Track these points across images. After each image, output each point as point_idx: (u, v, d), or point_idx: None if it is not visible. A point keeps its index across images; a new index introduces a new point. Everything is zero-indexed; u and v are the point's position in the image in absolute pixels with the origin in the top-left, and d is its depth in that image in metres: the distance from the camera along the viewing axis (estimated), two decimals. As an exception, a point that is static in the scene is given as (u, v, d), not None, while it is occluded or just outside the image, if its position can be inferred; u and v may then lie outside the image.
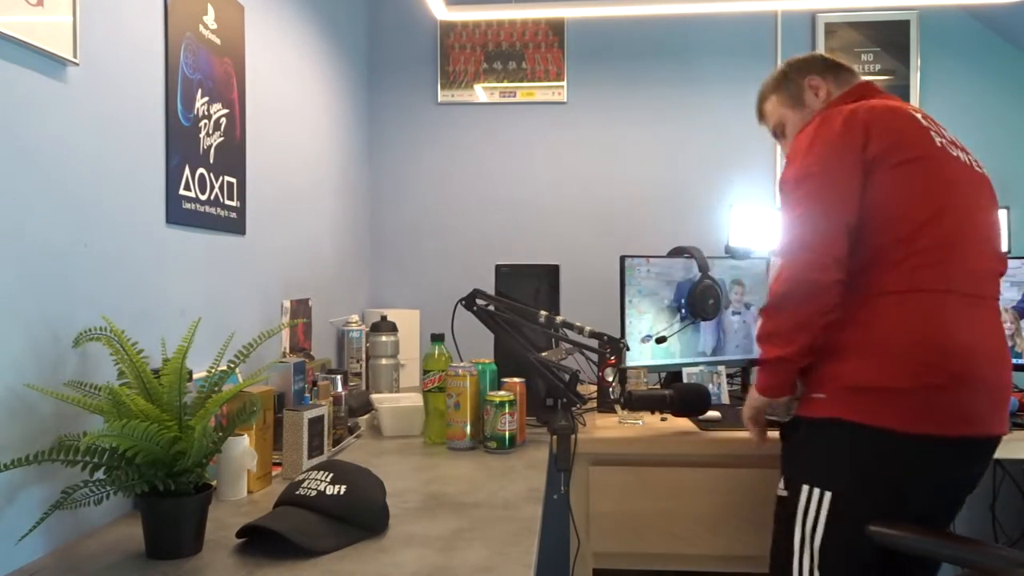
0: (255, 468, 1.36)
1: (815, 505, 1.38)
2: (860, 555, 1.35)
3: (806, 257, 1.38)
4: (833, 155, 1.40)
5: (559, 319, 1.90)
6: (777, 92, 1.71)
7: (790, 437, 1.50)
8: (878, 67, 2.80)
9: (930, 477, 1.37)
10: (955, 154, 1.46)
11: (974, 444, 1.37)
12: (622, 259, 2.17)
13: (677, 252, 2.28)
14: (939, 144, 1.43)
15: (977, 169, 1.50)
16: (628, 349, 2.09)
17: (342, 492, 1.16)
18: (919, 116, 1.47)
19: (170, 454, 1.03)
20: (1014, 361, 2.25)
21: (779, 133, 1.74)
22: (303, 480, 1.19)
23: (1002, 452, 1.83)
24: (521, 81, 2.90)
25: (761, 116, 1.78)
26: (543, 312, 1.90)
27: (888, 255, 1.39)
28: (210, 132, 1.59)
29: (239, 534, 1.12)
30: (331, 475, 1.19)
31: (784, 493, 1.49)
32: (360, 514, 1.16)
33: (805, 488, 1.40)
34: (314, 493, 1.16)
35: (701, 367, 2.18)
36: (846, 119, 1.42)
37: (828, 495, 1.37)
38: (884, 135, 1.39)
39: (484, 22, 2.90)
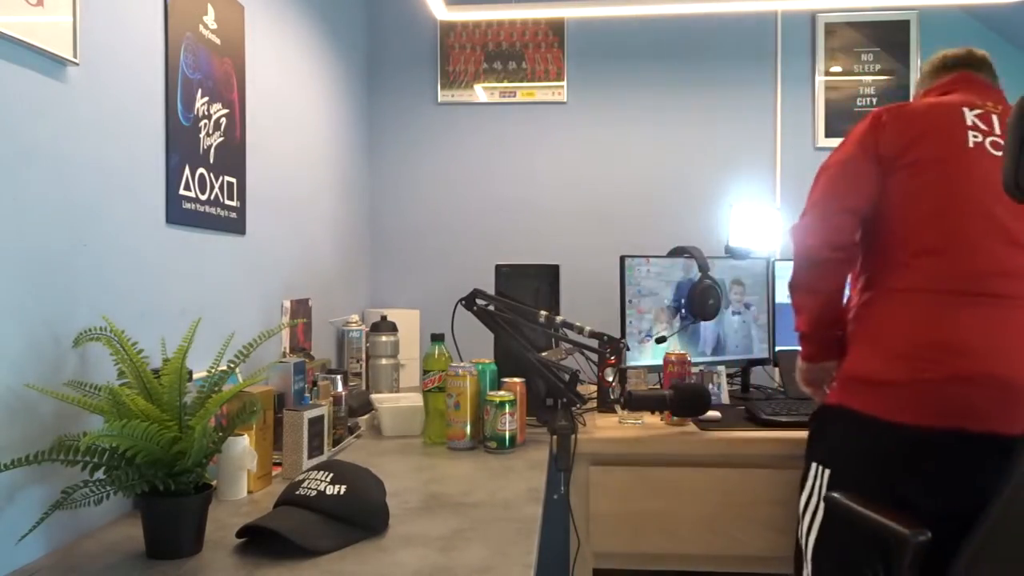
0: (255, 468, 1.36)
1: (819, 481, 1.48)
2: (855, 535, 1.38)
3: (805, 237, 1.54)
4: (850, 151, 1.53)
5: (559, 319, 1.90)
6: None
7: (811, 422, 1.59)
8: (878, 67, 2.81)
9: (925, 470, 1.37)
10: (1000, 155, 1.44)
11: (976, 441, 1.36)
12: (622, 259, 2.17)
13: (677, 252, 2.28)
14: (972, 144, 1.45)
15: None
16: (628, 349, 2.09)
17: (342, 492, 1.16)
18: (970, 114, 1.49)
19: (170, 454, 1.03)
20: None
21: None
22: (303, 480, 1.19)
23: (1002, 452, 1.84)
24: (521, 81, 2.90)
25: None
26: (543, 312, 1.90)
27: (896, 253, 1.48)
28: (210, 132, 1.59)
29: (239, 534, 1.12)
30: (331, 475, 1.19)
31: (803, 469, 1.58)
32: (360, 514, 1.16)
33: (813, 465, 1.51)
34: (314, 493, 1.16)
35: (701, 367, 2.18)
36: (872, 118, 1.53)
37: (827, 472, 1.47)
38: (901, 134, 1.48)
39: (484, 22, 2.90)
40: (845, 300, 1.58)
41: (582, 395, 1.87)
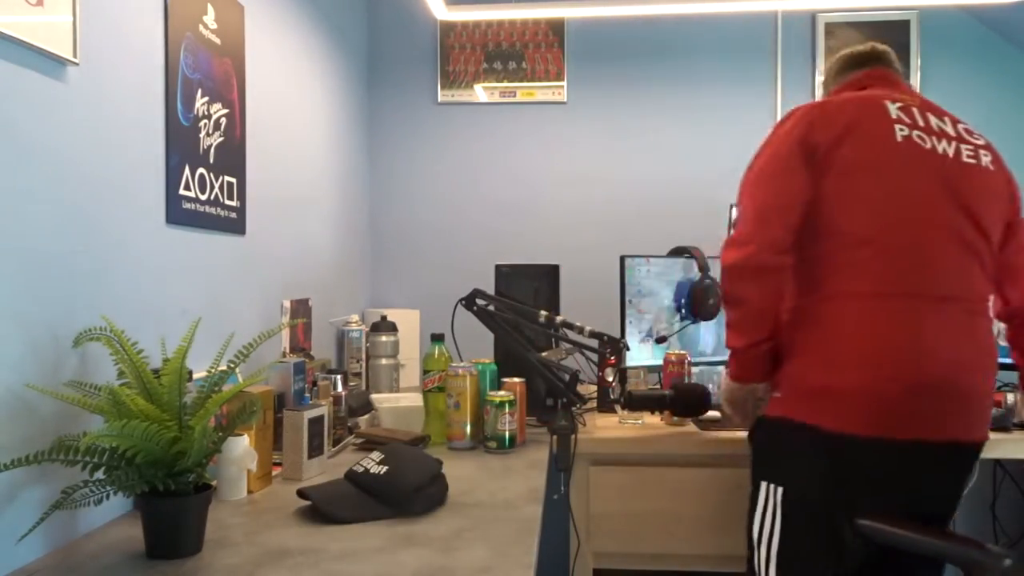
0: (255, 468, 1.36)
1: (772, 501, 1.40)
2: (815, 552, 1.35)
3: (743, 243, 1.42)
4: (779, 150, 1.43)
5: (559, 319, 1.90)
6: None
7: (753, 436, 1.51)
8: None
9: (880, 480, 1.34)
10: (929, 147, 1.40)
11: (933, 449, 1.33)
12: (622, 259, 2.17)
13: (677, 252, 2.28)
14: (900, 138, 1.39)
15: (968, 160, 1.43)
16: (628, 349, 2.09)
17: (382, 472, 1.29)
18: (892, 107, 1.43)
19: (170, 454, 1.03)
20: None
21: None
22: (363, 458, 1.35)
23: (1002, 452, 1.84)
24: (521, 81, 2.90)
25: None
26: (543, 312, 1.90)
27: (839, 257, 1.39)
28: (210, 132, 1.59)
29: (298, 493, 1.28)
30: (382, 456, 1.33)
31: (751, 490, 1.50)
32: (388, 493, 1.26)
33: (763, 484, 1.43)
34: (361, 470, 1.31)
35: (701, 367, 2.18)
36: (796, 116, 1.45)
37: (780, 490, 1.39)
38: (828, 130, 1.40)
39: (484, 22, 2.90)
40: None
41: (582, 395, 1.87)
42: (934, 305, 1.34)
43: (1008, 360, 1.65)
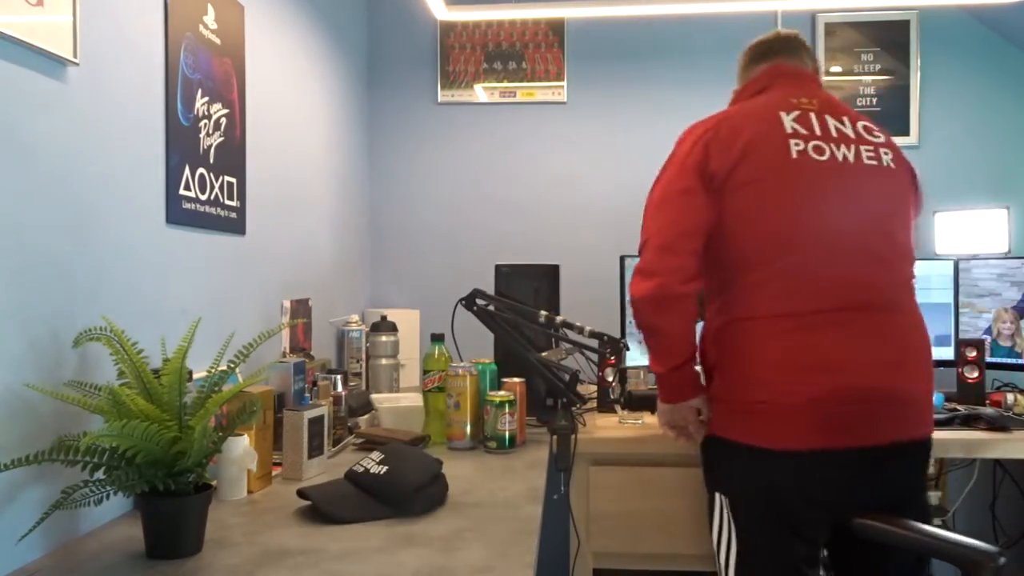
0: (255, 468, 1.36)
1: (723, 510, 1.44)
2: (769, 555, 1.38)
3: (651, 274, 1.42)
4: (678, 175, 1.45)
5: (559, 319, 1.90)
6: None
7: (703, 452, 1.54)
8: (878, 67, 2.80)
9: (818, 488, 1.35)
10: (827, 157, 1.40)
11: (869, 454, 1.34)
12: (622, 259, 2.17)
13: (677, 252, 2.28)
14: (796, 155, 1.39)
15: (869, 162, 1.43)
16: (628, 349, 2.09)
17: (382, 472, 1.29)
18: (787, 119, 1.43)
19: (170, 454, 1.03)
20: (1014, 361, 2.26)
21: None
22: (362, 458, 1.35)
23: (1002, 452, 1.84)
24: (521, 81, 2.90)
25: None
26: (543, 312, 1.90)
27: (743, 279, 1.41)
28: (210, 132, 1.59)
29: (298, 493, 1.27)
30: (383, 456, 1.33)
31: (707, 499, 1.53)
32: (388, 493, 1.26)
33: (716, 495, 1.46)
34: (361, 470, 1.31)
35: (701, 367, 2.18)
36: (692, 138, 1.47)
37: (727, 500, 1.44)
38: (725, 153, 1.40)
39: (484, 22, 2.90)
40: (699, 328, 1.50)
41: (582, 395, 1.87)
42: (839, 316, 1.36)
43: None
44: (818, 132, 1.43)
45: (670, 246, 1.42)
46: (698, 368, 1.50)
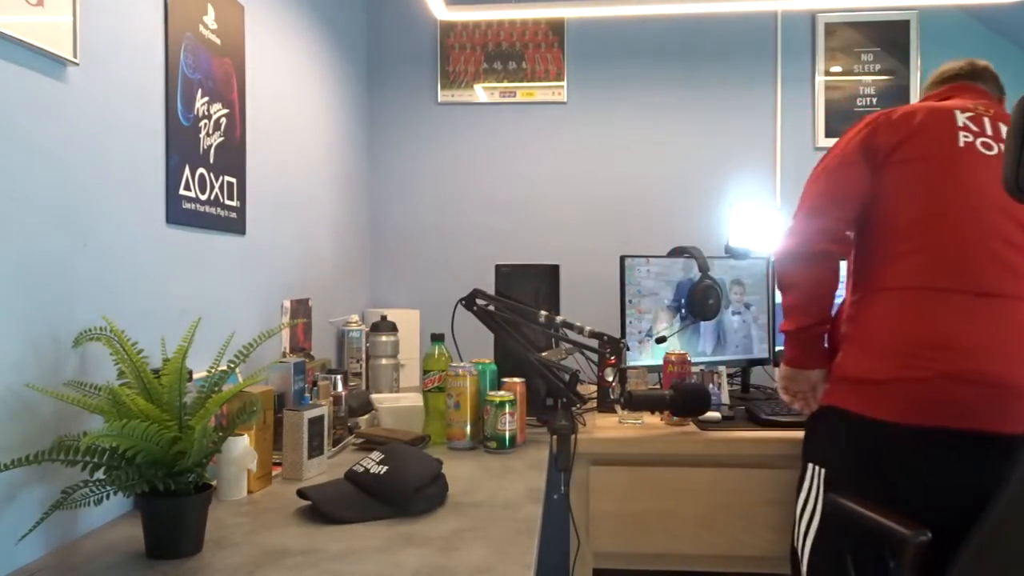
0: (255, 468, 1.36)
1: (816, 480, 1.49)
2: (851, 537, 1.37)
3: (801, 230, 1.52)
4: (844, 152, 1.53)
5: (559, 319, 1.90)
6: None
7: (807, 421, 1.60)
8: (878, 67, 2.80)
9: (918, 469, 1.37)
10: (994, 153, 1.46)
11: (966, 439, 1.35)
12: (622, 259, 2.17)
13: (677, 252, 2.28)
14: (963, 144, 1.46)
15: None
16: (628, 349, 2.09)
17: (383, 472, 1.29)
18: (961, 116, 1.49)
19: (170, 454, 1.03)
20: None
21: None
22: (363, 458, 1.36)
23: (1002, 452, 1.84)
24: (521, 81, 2.90)
25: None
26: (543, 312, 1.90)
27: (887, 250, 1.48)
28: (210, 132, 1.59)
29: (298, 493, 1.28)
30: (383, 456, 1.34)
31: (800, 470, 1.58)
32: (388, 493, 1.26)
33: (810, 466, 1.52)
34: (361, 470, 1.32)
35: (701, 367, 2.18)
36: (866, 122, 1.54)
37: (823, 472, 1.48)
38: (893, 133, 1.48)
39: (484, 22, 2.90)
40: (837, 305, 1.56)
41: (582, 395, 1.87)
42: (972, 300, 1.39)
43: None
44: (989, 132, 1.49)
45: (818, 209, 1.51)
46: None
